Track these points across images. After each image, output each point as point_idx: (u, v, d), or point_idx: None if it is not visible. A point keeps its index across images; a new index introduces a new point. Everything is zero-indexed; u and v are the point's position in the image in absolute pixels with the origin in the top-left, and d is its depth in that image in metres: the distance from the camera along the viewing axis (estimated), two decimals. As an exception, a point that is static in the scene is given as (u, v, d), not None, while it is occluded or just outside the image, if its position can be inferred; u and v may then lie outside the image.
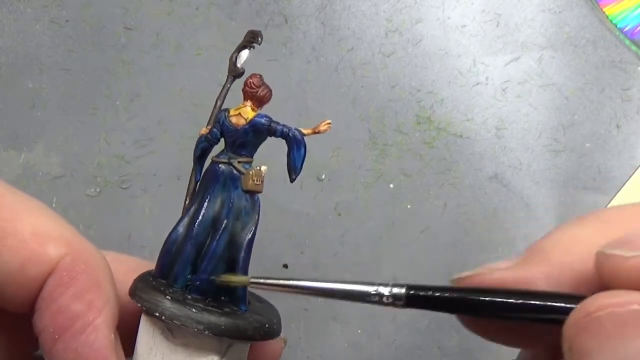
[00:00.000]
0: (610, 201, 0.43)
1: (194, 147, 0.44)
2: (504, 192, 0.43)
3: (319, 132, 0.23)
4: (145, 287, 0.23)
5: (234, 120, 0.24)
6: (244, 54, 0.24)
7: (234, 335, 0.22)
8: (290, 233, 0.42)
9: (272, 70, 0.44)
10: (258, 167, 0.24)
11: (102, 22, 0.44)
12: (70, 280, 0.22)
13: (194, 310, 0.22)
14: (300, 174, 0.45)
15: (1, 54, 0.43)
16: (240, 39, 0.26)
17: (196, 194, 0.24)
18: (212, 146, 0.25)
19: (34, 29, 0.43)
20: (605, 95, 0.45)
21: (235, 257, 0.23)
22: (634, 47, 0.45)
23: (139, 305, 0.22)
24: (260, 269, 0.43)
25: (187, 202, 0.25)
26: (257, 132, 0.23)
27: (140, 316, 0.23)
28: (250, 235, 0.23)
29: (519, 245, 0.43)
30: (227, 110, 0.24)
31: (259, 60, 0.44)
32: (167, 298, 0.22)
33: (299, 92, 0.43)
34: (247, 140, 0.24)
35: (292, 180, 0.23)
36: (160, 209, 0.42)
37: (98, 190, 0.41)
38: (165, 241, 0.24)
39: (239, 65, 0.24)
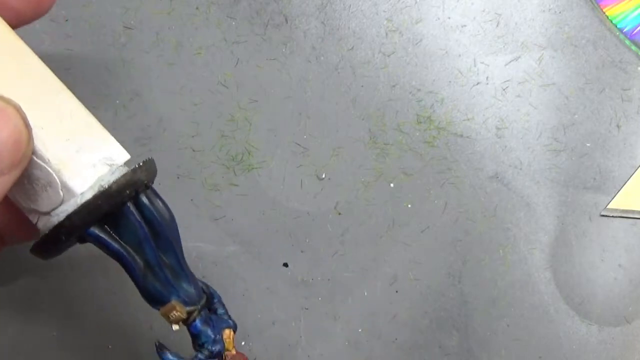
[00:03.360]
0: (610, 201, 0.43)
1: (193, 145, 0.44)
2: (504, 191, 0.43)
3: None
4: None
5: None
6: None
7: None
8: (290, 232, 0.42)
9: (272, 70, 0.44)
10: None
11: (102, 21, 0.44)
12: None
13: None
14: (301, 172, 0.45)
15: (0, 52, 0.43)
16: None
17: None
18: None
19: (33, 27, 0.43)
20: (606, 95, 0.45)
21: None
22: (634, 47, 0.45)
23: None
24: (259, 268, 0.43)
25: None
26: None
27: None
28: None
29: (520, 244, 0.43)
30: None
31: (259, 59, 0.44)
32: None
33: (299, 92, 0.43)
34: None
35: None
36: (160, 208, 0.41)
37: (97, 189, 0.41)
38: None
39: None
